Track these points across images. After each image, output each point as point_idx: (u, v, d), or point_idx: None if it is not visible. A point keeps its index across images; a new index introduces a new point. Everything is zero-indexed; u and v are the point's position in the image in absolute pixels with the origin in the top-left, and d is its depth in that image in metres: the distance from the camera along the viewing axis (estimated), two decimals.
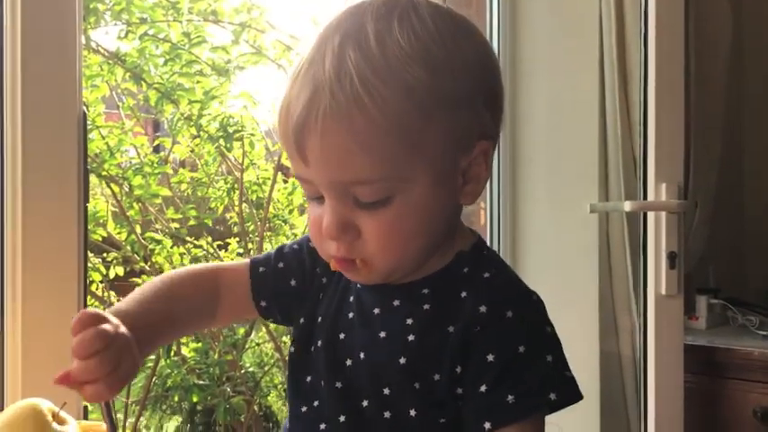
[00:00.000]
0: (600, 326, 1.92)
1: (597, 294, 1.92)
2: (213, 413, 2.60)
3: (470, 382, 0.67)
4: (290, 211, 2.82)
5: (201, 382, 2.53)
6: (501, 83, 0.73)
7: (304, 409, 0.76)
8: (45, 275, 1.20)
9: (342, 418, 0.72)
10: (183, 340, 2.55)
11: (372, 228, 0.67)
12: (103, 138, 2.42)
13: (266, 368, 2.80)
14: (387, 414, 0.71)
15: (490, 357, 0.66)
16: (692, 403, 1.75)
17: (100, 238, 2.56)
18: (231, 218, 2.78)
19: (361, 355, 0.73)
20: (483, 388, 0.66)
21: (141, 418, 2.67)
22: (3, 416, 0.82)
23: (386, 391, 0.71)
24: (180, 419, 2.87)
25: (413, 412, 0.69)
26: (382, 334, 0.72)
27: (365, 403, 0.72)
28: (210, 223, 2.73)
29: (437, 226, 0.70)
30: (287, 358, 0.82)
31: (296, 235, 2.84)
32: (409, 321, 0.71)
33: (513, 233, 1.98)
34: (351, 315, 0.75)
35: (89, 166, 2.33)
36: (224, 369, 2.56)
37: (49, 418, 0.82)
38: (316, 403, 0.75)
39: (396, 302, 0.73)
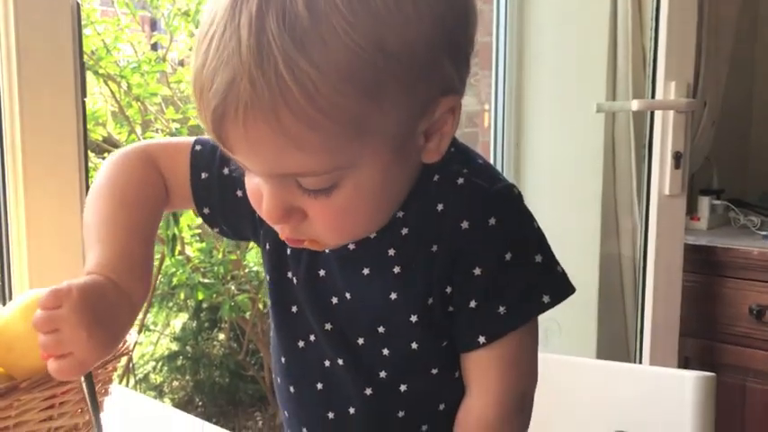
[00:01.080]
0: (601, 227, 1.93)
1: (600, 195, 1.91)
2: (218, 310, 2.65)
3: (460, 298, 0.64)
4: None
5: (206, 280, 2.57)
6: (470, 21, 0.59)
7: (301, 344, 0.71)
8: (46, 170, 1.19)
9: (340, 361, 0.69)
10: (187, 240, 2.58)
11: (319, 213, 0.58)
12: (99, 34, 2.37)
13: None
14: (386, 351, 0.67)
15: (477, 271, 0.62)
16: (689, 301, 1.78)
17: (100, 138, 2.54)
18: None
19: (347, 296, 0.68)
20: (473, 303, 0.63)
21: (148, 315, 2.73)
22: (9, 307, 0.83)
23: (380, 329, 0.67)
24: (186, 316, 2.94)
25: (414, 345, 0.66)
26: (365, 271, 0.66)
27: (361, 341, 0.68)
28: None
29: (397, 193, 0.62)
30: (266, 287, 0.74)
31: None
32: (391, 252, 0.65)
33: (518, 133, 1.96)
34: (326, 250, 0.67)
35: (86, 64, 2.30)
36: (228, 268, 2.60)
37: None
38: (312, 338, 0.71)
39: (372, 234, 0.65)
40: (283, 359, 0.74)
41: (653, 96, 1.69)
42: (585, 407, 1.03)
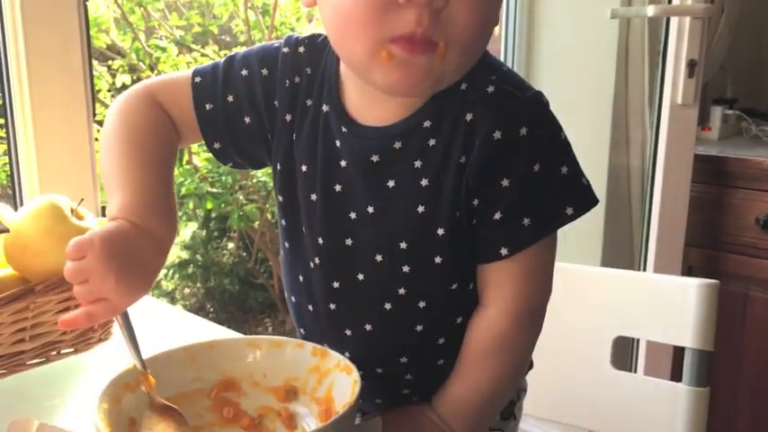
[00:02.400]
0: (611, 137, 1.91)
1: (612, 103, 1.89)
2: (227, 220, 2.68)
3: (485, 210, 0.63)
4: (298, 19, 2.72)
5: (214, 190, 2.58)
6: None
7: (312, 265, 0.71)
8: (52, 77, 1.18)
9: (360, 276, 0.68)
10: (194, 149, 2.57)
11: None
12: None
13: None
14: (406, 268, 0.67)
15: (505, 182, 0.62)
16: (696, 211, 1.78)
17: (104, 45, 2.50)
18: (237, 26, 2.69)
19: (370, 210, 0.66)
20: (498, 215, 0.63)
21: None
22: (21, 212, 0.84)
23: (402, 245, 0.66)
24: (195, 225, 2.97)
25: (438, 259, 0.66)
26: (390, 184, 0.65)
27: (379, 258, 0.67)
28: (215, 30, 2.65)
29: (492, 28, 0.61)
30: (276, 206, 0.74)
31: None
32: (418, 164, 0.64)
33: (530, 38, 1.92)
34: (344, 163, 0.66)
35: None
36: (236, 178, 2.60)
37: (68, 212, 0.83)
38: (317, 260, 0.70)
39: (397, 145, 0.64)
40: (301, 278, 0.73)
41: (669, 1, 1.64)
42: (589, 313, 1.05)
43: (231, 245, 2.98)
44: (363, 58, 0.59)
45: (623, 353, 1.85)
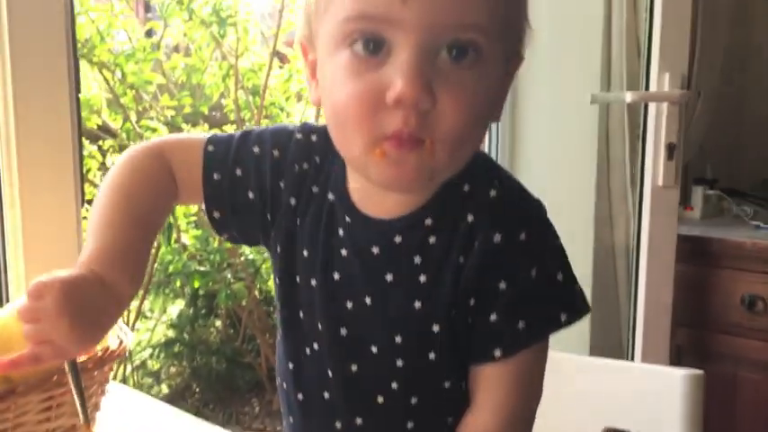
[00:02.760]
0: (595, 215, 1.93)
1: (594, 185, 1.92)
2: (215, 298, 2.66)
3: (481, 310, 0.64)
4: (287, 99, 2.78)
5: (202, 268, 2.58)
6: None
7: (308, 350, 0.71)
8: (41, 166, 1.19)
9: (354, 367, 0.68)
10: (183, 227, 2.58)
11: (451, 93, 0.57)
12: (93, 21, 2.35)
13: (266, 255, 2.85)
14: (399, 362, 0.67)
15: (502, 285, 0.63)
16: (682, 291, 1.79)
17: (95, 126, 2.54)
18: (227, 105, 2.74)
19: (368, 301, 0.67)
20: (494, 316, 0.63)
21: (145, 302, 2.74)
22: (4, 310, 0.84)
23: (398, 339, 0.66)
24: (183, 303, 2.95)
25: (432, 355, 0.66)
26: (389, 277, 0.66)
27: (374, 349, 0.67)
28: (206, 111, 2.70)
29: (486, 122, 0.64)
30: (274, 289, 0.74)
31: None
32: (417, 260, 0.65)
33: (513, 122, 1.96)
34: (344, 252, 0.67)
35: (79, 53, 2.29)
36: (224, 256, 2.61)
37: None
38: (315, 346, 0.70)
39: (397, 239, 0.65)
40: (291, 365, 0.73)
41: (647, 87, 1.69)
42: (576, 403, 1.04)
43: (218, 323, 2.96)
44: (360, 155, 0.61)
45: None
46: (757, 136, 2.18)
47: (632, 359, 1.81)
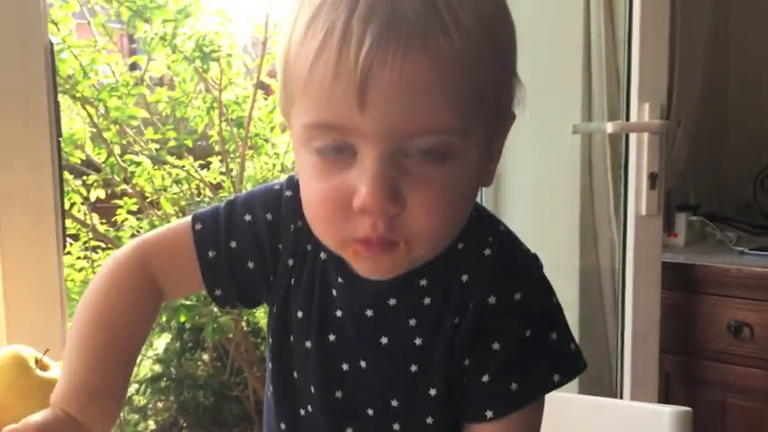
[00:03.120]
0: (580, 241, 1.94)
1: (578, 212, 1.93)
2: (202, 331, 2.64)
3: (474, 370, 0.63)
4: (272, 129, 2.78)
5: (188, 302, 2.56)
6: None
7: (303, 412, 0.69)
8: (20, 211, 1.18)
9: (349, 431, 0.67)
10: None
11: (421, 194, 0.55)
12: (76, 57, 2.36)
13: None
14: (396, 426, 0.66)
15: (495, 346, 0.62)
16: (669, 318, 1.79)
17: (79, 161, 2.53)
18: (212, 137, 2.74)
19: (363, 364, 0.66)
20: (486, 377, 0.63)
21: None
22: None
23: (394, 402, 0.65)
24: (169, 337, 2.92)
25: (429, 420, 0.65)
26: (384, 340, 0.65)
27: (370, 412, 0.66)
28: (191, 144, 2.69)
29: (468, 206, 0.61)
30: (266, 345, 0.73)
31: (277, 155, 2.82)
32: (412, 323, 0.64)
33: None
34: (339, 314, 0.66)
35: (63, 88, 2.28)
36: None
37: (32, 364, 0.82)
38: (309, 408, 0.69)
39: (391, 301, 0.64)
40: (284, 426, 0.71)
41: (627, 118, 1.70)
42: None
43: (206, 356, 2.93)
44: (335, 249, 0.60)
45: None
46: (739, 160, 2.21)
47: (621, 385, 1.80)
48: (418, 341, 0.64)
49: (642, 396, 1.69)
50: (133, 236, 2.70)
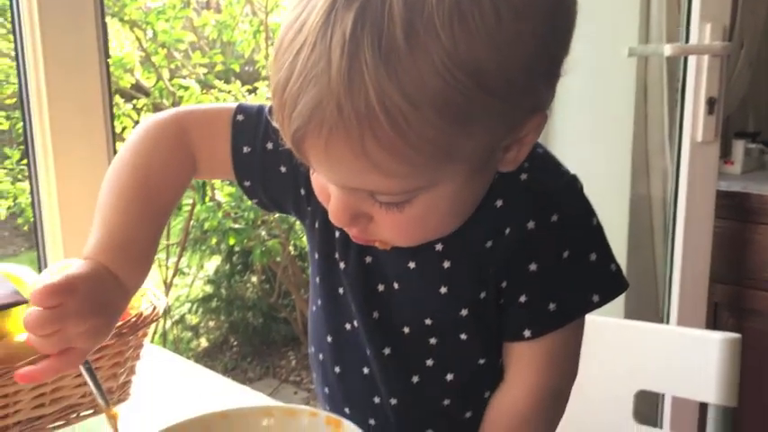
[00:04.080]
0: (632, 168, 1.90)
1: (631, 139, 1.88)
2: (250, 254, 2.69)
3: (511, 292, 0.63)
4: None
5: (237, 225, 2.60)
6: (572, 33, 0.53)
7: (348, 326, 0.70)
8: (72, 129, 1.20)
9: (386, 351, 0.68)
10: (218, 185, 2.60)
11: (388, 222, 0.55)
12: None
13: None
14: (432, 341, 0.67)
15: (533, 267, 0.61)
16: (720, 247, 1.76)
17: (129, 85, 2.55)
18: (259, 61, 2.72)
19: (396, 285, 0.67)
20: (523, 298, 0.63)
21: (182, 258, 2.78)
22: (44, 275, 0.86)
23: (428, 321, 0.66)
24: (219, 259, 2.99)
25: (463, 336, 0.66)
26: (411, 264, 0.65)
27: (406, 330, 0.67)
28: (238, 68, 2.69)
29: (473, 202, 0.59)
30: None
31: None
32: (439, 247, 0.63)
33: None
34: None
35: (111, 11, 2.29)
36: (258, 213, 2.62)
37: None
38: (355, 323, 0.70)
39: None
40: (330, 338, 0.73)
41: (687, 40, 1.63)
42: (610, 366, 1.03)
43: (254, 279, 3.00)
44: None
45: (648, 407, 1.82)
46: None
47: (668, 317, 1.79)
48: (446, 264, 0.64)
49: (690, 324, 1.67)
50: None
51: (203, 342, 3.01)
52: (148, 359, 0.94)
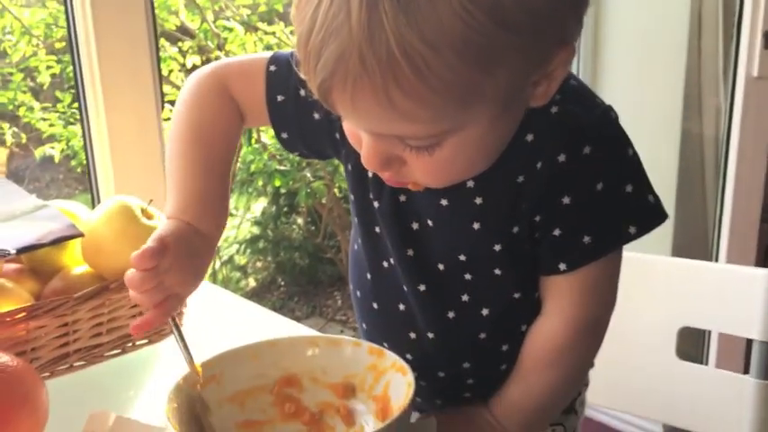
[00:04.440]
0: (683, 105, 1.85)
1: (684, 74, 1.83)
2: (296, 196, 2.73)
3: (545, 225, 0.63)
4: None
5: (283, 167, 2.63)
6: None
7: (386, 264, 0.72)
8: (121, 75, 1.22)
9: (422, 287, 0.70)
10: (263, 128, 2.62)
11: (419, 165, 0.56)
12: None
13: None
14: (468, 276, 0.68)
15: (566, 200, 0.61)
16: None
17: (174, 27, 2.56)
18: None
19: (429, 223, 0.68)
20: (557, 231, 0.63)
21: (230, 200, 2.83)
22: (95, 213, 0.89)
23: (461, 257, 0.67)
24: (265, 201, 3.04)
25: (497, 271, 0.67)
26: (444, 202, 0.66)
27: (441, 267, 0.69)
28: (281, 8, 2.67)
29: (503, 139, 0.59)
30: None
31: None
32: (470, 184, 0.64)
33: (597, 6, 1.87)
34: None
35: None
36: None
37: (138, 213, 0.87)
38: (392, 261, 0.72)
39: None
40: (369, 275, 0.75)
41: None
42: (653, 303, 1.03)
43: (300, 220, 3.04)
44: None
45: (693, 344, 1.81)
46: None
47: (717, 256, 1.76)
48: (478, 200, 0.65)
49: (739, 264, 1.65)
50: None
51: (251, 282, 3.08)
52: (200, 294, 0.97)
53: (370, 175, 0.70)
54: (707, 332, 1.75)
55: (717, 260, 1.76)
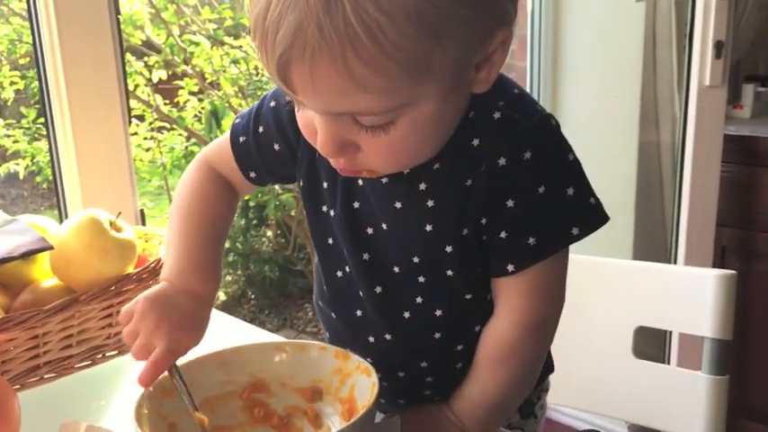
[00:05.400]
0: (640, 115, 1.90)
1: (640, 85, 1.88)
2: (265, 209, 2.74)
3: (492, 228, 0.66)
4: None
5: None
6: None
7: (339, 273, 0.76)
8: (87, 90, 1.23)
9: (378, 289, 0.73)
10: None
11: (373, 147, 0.58)
12: None
13: None
14: (421, 279, 0.71)
15: (510, 203, 0.64)
16: (728, 191, 1.77)
17: (140, 42, 2.57)
18: None
19: (384, 226, 0.70)
20: (503, 234, 0.65)
21: None
22: (64, 227, 0.90)
23: (415, 259, 0.70)
24: (235, 214, 3.04)
25: (449, 272, 0.69)
26: (398, 204, 0.68)
27: (396, 270, 0.71)
28: (247, 23, 2.69)
29: (450, 123, 0.62)
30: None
31: None
32: (422, 186, 0.67)
33: (555, 23, 1.92)
34: (360, 182, 0.70)
35: None
36: None
37: (107, 225, 0.89)
38: (347, 269, 0.75)
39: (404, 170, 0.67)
40: (325, 287, 0.78)
41: None
42: (610, 304, 1.07)
43: (269, 233, 3.05)
44: None
45: (655, 344, 1.86)
46: None
47: (676, 260, 1.82)
48: (430, 203, 0.67)
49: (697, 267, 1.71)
50: (195, 116, 2.78)
51: (221, 295, 3.08)
52: None
53: (325, 185, 0.73)
54: (668, 332, 1.80)
55: (676, 262, 1.81)
